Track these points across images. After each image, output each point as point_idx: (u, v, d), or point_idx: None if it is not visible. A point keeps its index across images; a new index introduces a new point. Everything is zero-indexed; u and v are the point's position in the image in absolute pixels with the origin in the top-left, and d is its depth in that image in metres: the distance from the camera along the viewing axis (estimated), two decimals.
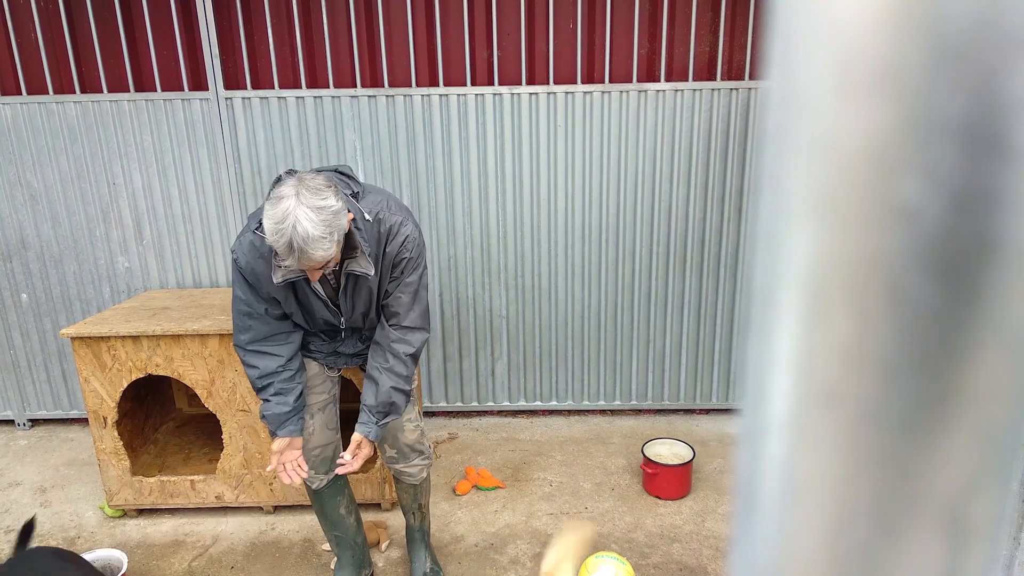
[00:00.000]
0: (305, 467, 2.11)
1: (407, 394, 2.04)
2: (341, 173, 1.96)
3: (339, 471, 2.04)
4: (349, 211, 1.77)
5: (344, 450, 2.11)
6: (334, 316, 2.02)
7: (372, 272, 1.86)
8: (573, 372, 3.55)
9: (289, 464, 2.08)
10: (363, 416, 2.02)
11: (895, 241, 0.19)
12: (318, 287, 1.93)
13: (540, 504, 2.83)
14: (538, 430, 3.47)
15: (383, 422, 2.02)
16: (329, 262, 1.75)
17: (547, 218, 3.30)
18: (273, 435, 2.07)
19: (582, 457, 3.20)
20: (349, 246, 1.84)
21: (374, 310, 2.03)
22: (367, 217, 1.87)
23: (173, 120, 3.20)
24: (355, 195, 1.90)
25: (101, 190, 3.28)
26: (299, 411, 2.07)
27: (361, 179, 3.24)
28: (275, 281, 1.82)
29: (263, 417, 2.05)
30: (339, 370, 2.26)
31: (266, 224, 1.65)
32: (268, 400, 2.03)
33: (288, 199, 1.63)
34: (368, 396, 2.02)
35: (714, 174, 3.24)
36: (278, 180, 2.03)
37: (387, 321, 2.02)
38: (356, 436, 2.02)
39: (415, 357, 2.02)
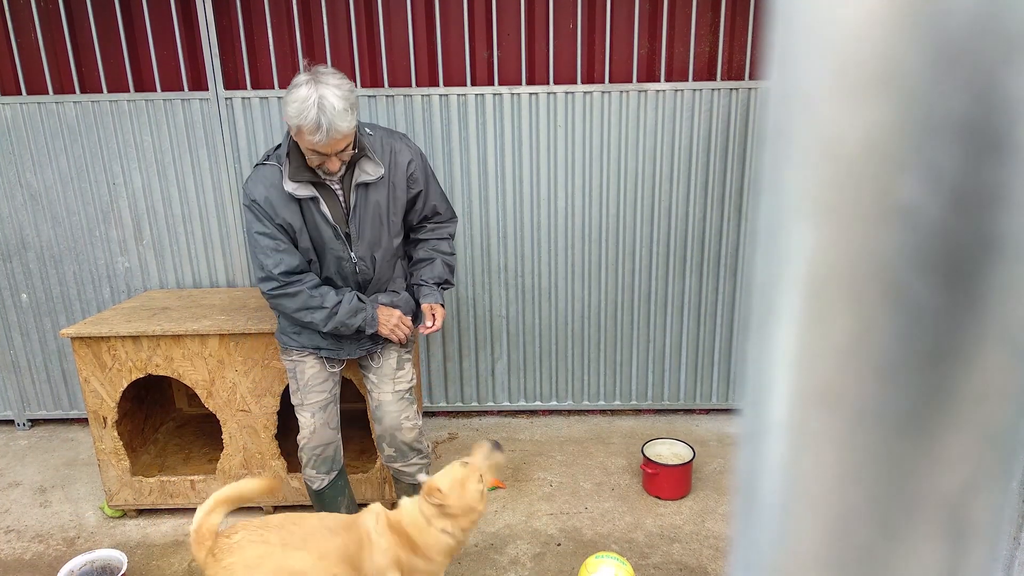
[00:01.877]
0: (408, 320, 2.25)
1: (453, 268, 2.31)
2: None
3: (424, 331, 2.24)
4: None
5: (343, 450, 2.12)
6: (344, 247, 2.09)
7: (383, 171, 2.01)
8: (573, 372, 3.55)
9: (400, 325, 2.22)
10: (424, 290, 2.23)
11: (895, 241, 0.19)
12: (326, 210, 2.02)
13: (540, 504, 2.83)
14: (538, 430, 3.47)
15: (444, 288, 2.27)
16: (347, 148, 1.92)
17: (547, 218, 3.30)
18: (364, 316, 2.11)
19: (582, 457, 3.20)
20: (358, 147, 1.99)
21: (385, 235, 2.12)
22: (369, 132, 2.04)
23: (173, 120, 3.20)
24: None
25: (101, 190, 3.28)
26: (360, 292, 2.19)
27: None
28: (289, 190, 1.95)
29: (355, 314, 2.09)
30: (340, 366, 2.26)
31: (289, 108, 1.82)
32: (338, 305, 2.07)
33: (305, 86, 1.81)
34: (425, 273, 2.24)
35: (714, 174, 3.24)
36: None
37: (429, 220, 2.24)
38: (426, 305, 2.22)
39: (452, 238, 2.31)
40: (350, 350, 2.21)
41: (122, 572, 2.24)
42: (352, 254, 2.09)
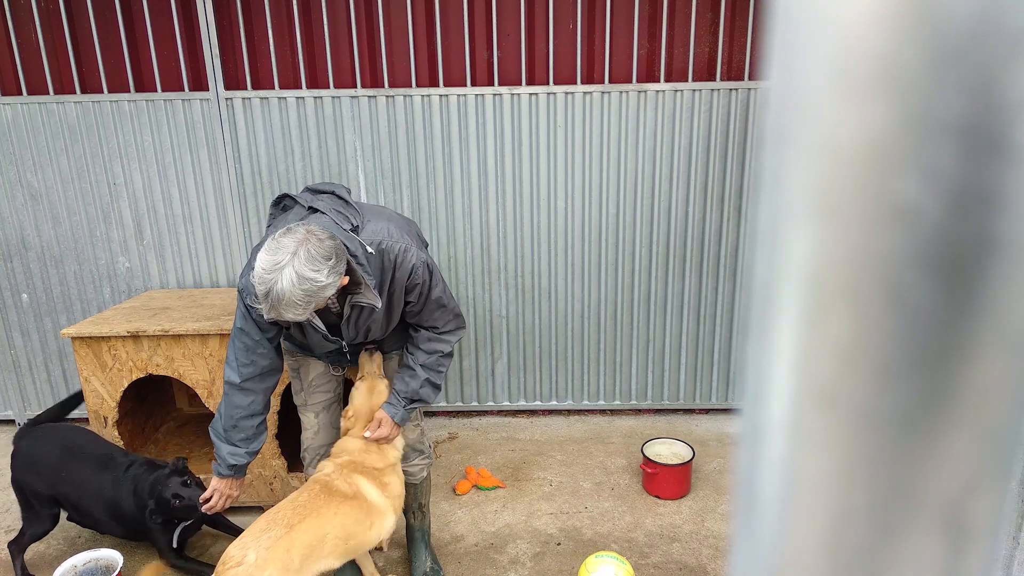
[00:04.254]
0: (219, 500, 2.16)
1: (438, 387, 2.13)
2: (339, 197, 1.95)
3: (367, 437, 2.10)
4: (345, 274, 1.77)
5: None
6: (334, 343, 2.03)
7: (379, 304, 1.87)
8: (573, 372, 3.55)
9: (226, 501, 2.16)
10: (391, 398, 2.09)
11: (894, 241, 0.19)
12: (317, 323, 1.92)
13: (540, 504, 2.83)
14: (538, 430, 3.47)
15: (410, 407, 2.09)
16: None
17: (547, 218, 3.30)
18: (219, 473, 2.09)
19: (582, 457, 3.20)
20: (352, 282, 1.85)
21: (380, 332, 2.05)
22: (369, 250, 1.86)
23: (173, 120, 3.20)
24: (355, 228, 1.88)
25: (101, 190, 3.28)
26: (253, 456, 2.12)
27: (362, 183, 3.25)
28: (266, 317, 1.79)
29: (219, 458, 2.08)
30: (343, 370, 2.26)
31: (258, 265, 1.67)
32: (236, 445, 2.05)
33: (285, 253, 1.64)
34: (400, 384, 2.09)
35: (714, 174, 3.24)
36: (280, 202, 2.01)
37: (421, 328, 2.08)
38: (380, 413, 2.07)
39: (450, 355, 2.13)
40: (351, 361, 2.20)
41: (116, 572, 2.24)
42: (344, 344, 2.06)
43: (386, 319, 2.00)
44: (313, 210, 1.90)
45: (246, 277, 1.88)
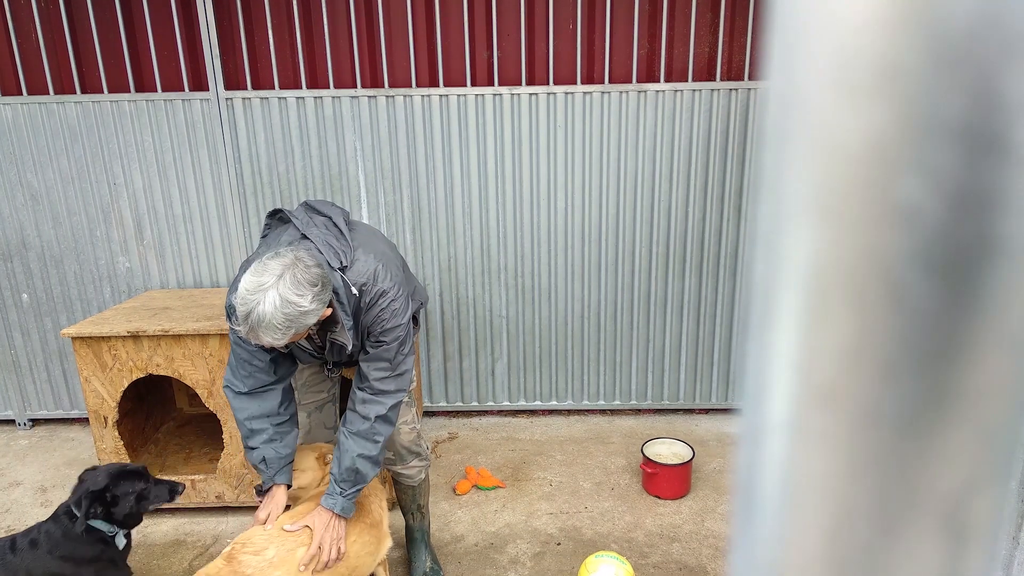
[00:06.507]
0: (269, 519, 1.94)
1: (375, 461, 1.92)
2: (335, 224, 1.92)
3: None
4: (330, 306, 1.74)
5: None
6: (319, 359, 2.04)
7: (350, 347, 1.85)
8: (573, 372, 3.55)
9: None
10: (330, 487, 1.91)
11: (895, 241, 0.19)
12: (304, 342, 1.92)
13: (540, 504, 2.83)
14: (538, 430, 3.47)
15: (349, 493, 1.88)
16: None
17: (547, 218, 3.30)
18: (264, 486, 1.93)
19: (582, 457, 3.20)
20: (332, 320, 1.84)
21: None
22: (353, 291, 1.83)
23: (173, 120, 3.20)
24: (343, 267, 1.84)
25: (101, 190, 3.28)
26: (291, 459, 1.98)
27: (362, 182, 3.24)
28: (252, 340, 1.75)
29: (261, 462, 1.92)
30: (339, 370, 2.26)
31: (241, 285, 1.64)
32: (257, 448, 1.92)
33: (270, 275, 1.61)
34: (334, 467, 1.92)
35: (714, 174, 3.24)
36: (277, 213, 2.00)
37: (359, 382, 1.95)
38: (314, 516, 1.87)
39: (387, 419, 1.93)
40: (346, 364, 2.19)
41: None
42: (329, 363, 2.06)
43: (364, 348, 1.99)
44: (306, 238, 1.88)
45: (231, 294, 1.83)
